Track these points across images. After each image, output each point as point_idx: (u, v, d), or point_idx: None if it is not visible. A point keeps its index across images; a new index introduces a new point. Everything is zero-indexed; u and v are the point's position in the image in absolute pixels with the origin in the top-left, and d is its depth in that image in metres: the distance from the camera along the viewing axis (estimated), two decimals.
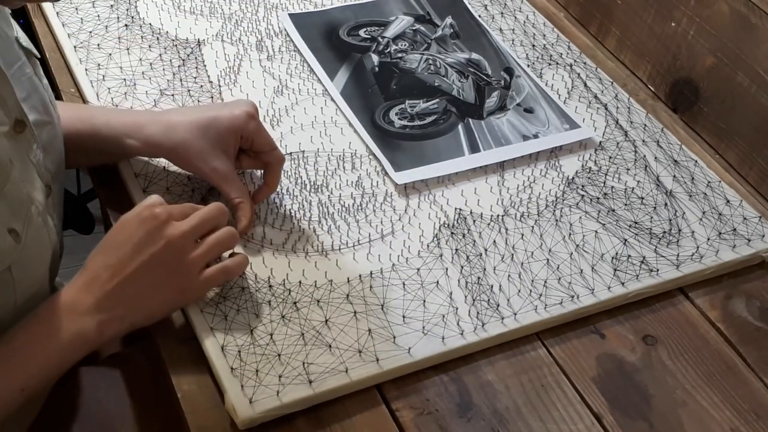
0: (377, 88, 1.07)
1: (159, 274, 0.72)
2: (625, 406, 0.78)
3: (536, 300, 0.83)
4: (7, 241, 0.67)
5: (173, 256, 0.73)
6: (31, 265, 0.71)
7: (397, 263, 0.85)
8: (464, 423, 0.74)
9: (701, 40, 1.07)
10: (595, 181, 0.97)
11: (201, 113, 0.85)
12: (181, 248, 0.73)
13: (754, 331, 0.86)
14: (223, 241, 0.76)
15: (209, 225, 0.76)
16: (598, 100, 1.09)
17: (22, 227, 0.69)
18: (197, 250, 0.74)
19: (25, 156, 0.73)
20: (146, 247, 0.72)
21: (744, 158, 1.04)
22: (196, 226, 0.74)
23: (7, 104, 0.71)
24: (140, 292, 0.72)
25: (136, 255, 0.72)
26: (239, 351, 0.75)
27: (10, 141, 0.70)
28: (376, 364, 0.76)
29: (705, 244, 0.91)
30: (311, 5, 1.20)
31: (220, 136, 0.83)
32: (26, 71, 0.76)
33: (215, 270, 0.76)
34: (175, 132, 0.83)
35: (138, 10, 1.14)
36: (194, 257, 0.74)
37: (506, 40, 1.18)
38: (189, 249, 0.74)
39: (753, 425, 0.77)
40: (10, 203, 0.68)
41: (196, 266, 0.74)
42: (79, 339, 0.70)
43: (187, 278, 0.74)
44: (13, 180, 0.69)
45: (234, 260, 0.78)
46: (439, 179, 0.95)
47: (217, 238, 0.76)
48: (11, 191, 0.68)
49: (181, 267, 0.73)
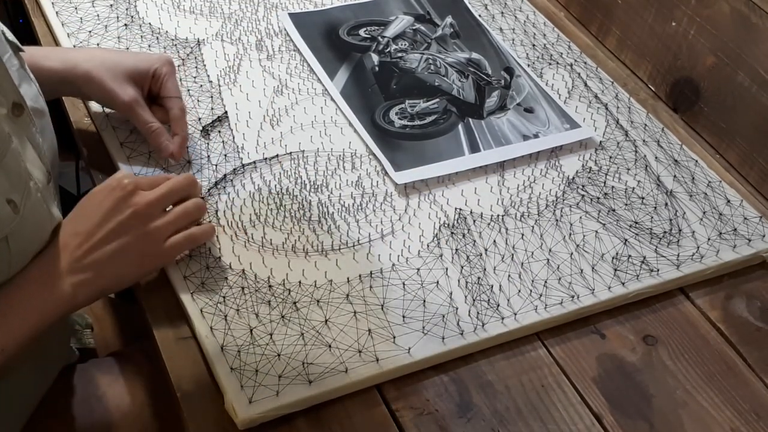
0: (377, 87, 1.07)
1: (125, 240, 0.75)
2: (626, 407, 0.77)
3: (536, 300, 0.83)
4: (6, 210, 0.68)
5: (139, 224, 0.76)
6: (28, 239, 0.72)
7: (397, 263, 0.85)
8: (464, 423, 0.74)
9: (702, 40, 1.07)
10: (596, 180, 0.97)
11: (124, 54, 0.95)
12: (146, 216, 0.77)
13: (755, 331, 0.86)
14: (189, 211, 0.80)
15: (177, 195, 0.80)
16: (599, 99, 1.09)
17: (20, 199, 0.70)
18: (163, 219, 0.78)
19: (24, 137, 0.74)
20: (113, 214, 0.75)
21: (744, 158, 1.04)
22: (163, 195, 0.78)
23: (3, 88, 0.72)
24: (108, 258, 0.75)
25: (104, 223, 0.75)
26: (239, 351, 0.75)
27: (9, 124, 0.71)
28: (376, 364, 0.76)
29: (705, 244, 0.91)
30: (311, 5, 1.20)
31: (136, 69, 0.91)
32: (14, 62, 0.77)
33: (180, 236, 0.79)
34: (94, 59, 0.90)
35: (137, 9, 1.14)
36: (160, 225, 0.77)
37: (506, 40, 1.18)
38: (155, 217, 0.77)
39: (753, 425, 0.77)
40: (8, 174, 0.69)
41: (161, 234, 0.77)
42: (54, 301, 0.73)
43: (153, 245, 0.77)
44: (12, 153, 0.70)
45: (199, 228, 0.82)
46: (439, 179, 0.95)
47: (184, 208, 0.80)
48: (9, 163, 0.69)
49: (147, 234, 0.76)
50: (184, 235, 0.80)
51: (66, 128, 0.97)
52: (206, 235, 0.82)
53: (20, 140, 0.73)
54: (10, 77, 0.74)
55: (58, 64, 0.90)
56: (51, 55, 0.92)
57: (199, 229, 0.81)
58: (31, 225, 0.72)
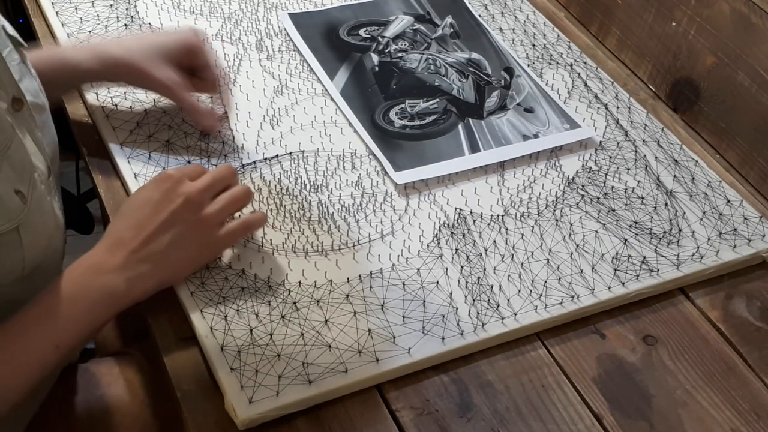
0: (377, 87, 1.07)
1: (180, 230, 0.76)
2: (626, 407, 0.77)
3: (536, 300, 0.83)
4: (15, 200, 0.68)
5: (192, 212, 0.76)
6: (37, 231, 0.72)
7: (397, 263, 0.85)
8: (464, 423, 0.74)
9: (702, 40, 1.07)
10: (596, 180, 0.97)
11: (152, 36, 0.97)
12: (198, 204, 0.77)
13: (755, 331, 0.86)
14: (237, 197, 0.81)
15: (222, 183, 0.80)
16: (599, 99, 1.09)
17: (27, 190, 0.70)
18: (214, 206, 0.78)
19: (24, 131, 0.74)
20: (165, 205, 0.76)
21: (744, 158, 1.04)
22: (210, 183, 0.79)
23: (3, 82, 0.72)
24: (164, 249, 0.75)
25: (156, 214, 0.75)
26: (239, 351, 0.75)
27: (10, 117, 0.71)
28: (376, 364, 0.76)
29: (705, 244, 0.91)
30: (311, 5, 1.20)
31: (168, 49, 0.92)
32: (14, 57, 0.77)
33: (236, 223, 0.80)
34: (130, 49, 0.91)
35: (137, 9, 1.14)
36: (212, 212, 0.78)
37: (506, 40, 1.18)
38: (206, 204, 0.78)
39: (753, 425, 0.77)
40: (14, 165, 0.69)
41: (214, 220, 0.78)
42: (108, 297, 0.73)
43: (208, 232, 0.77)
44: (16, 143, 0.70)
45: (254, 215, 0.83)
46: (439, 179, 0.95)
47: (232, 194, 0.80)
48: (15, 154, 0.70)
49: (201, 222, 0.77)
50: (239, 222, 0.80)
51: (66, 128, 0.97)
52: (260, 222, 0.83)
53: (21, 134, 0.73)
54: (10, 72, 0.74)
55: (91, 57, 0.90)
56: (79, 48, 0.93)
57: (253, 216, 0.82)
58: (39, 216, 0.72)
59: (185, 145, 0.95)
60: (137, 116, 0.98)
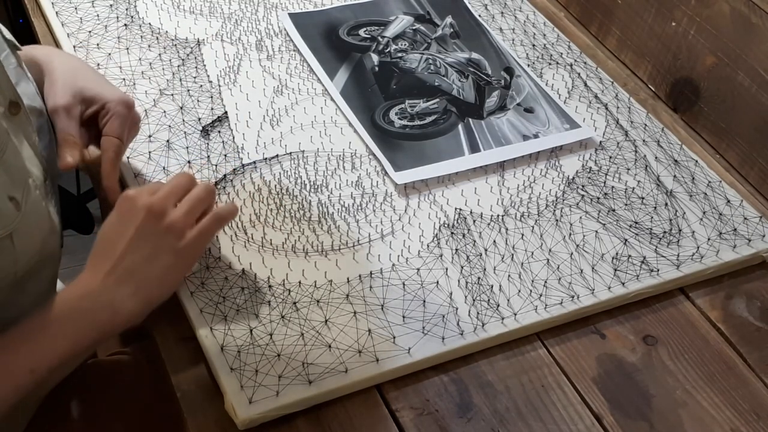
0: (377, 87, 1.07)
1: (151, 242, 0.74)
2: (626, 407, 0.77)
3: (536, 300, 0.83)
4: (8, 207, 0.68)
5: (157, 221, 0.74)
6: (30, 236, 0.72)
7: (397, 263, 0.85)
8: (464, 423, 0.74)
9: (702, 40, 1.07)
10: (596, 181, 0.97)
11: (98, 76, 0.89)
12: (161, 212, 0.74)
13: (755, 331, 0.86)
14: (200, 196, 0.77)
15: (182, 189, 0.78)
16: (599, 99, 1.09)
17: (21, 196, 0.70)
18: (178, 210, 0.76)
19: (21, 135, 0.74)
20: (129, 222, 0.74)
21: (744, 158, 1.04)
22: (169, 191, 0.77)
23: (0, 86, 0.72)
24: (139, 266, 0.73)
25: (123, 233, 0.74)
26: (239, 351, 0.75)
27: (6, 122, 0.71)
28: (376, 364, 0.76)
29: (705, 244, 0.91)
30: (311, 5, 1.20)
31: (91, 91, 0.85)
32: (11, 61, 0.77)
33: (207, 219, 0.77)
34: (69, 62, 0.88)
35: (137, 9, 1.14)
36: (178, 216, 0.75)
37: (506, 40, 1.18)
38: (170, 211, 0.75)
39: (753, 425, 0.77)
40: (8, 171, 0.69)
41: (183, 224, 0.75)
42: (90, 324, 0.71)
43: (179, 236, 0.75)
44: (11, 149, 0.70)
45: (223, 207, 0.79)
46: (439, 179, 0.95)
47: (195, 194, 0.77)
48: (9, 159, 0.69)
49: (170, 229, 0.74)
50: (209, 217, 0.78)
51: None
52: (232, 213, 0.80)
53: (17, 138, 0.73)
54: (7, 75, 0.74)
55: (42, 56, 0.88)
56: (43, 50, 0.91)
57: (223, 208, 0.79)
58: (33, 222, 0.72)
59: (185, 145, 0.95)
60: None
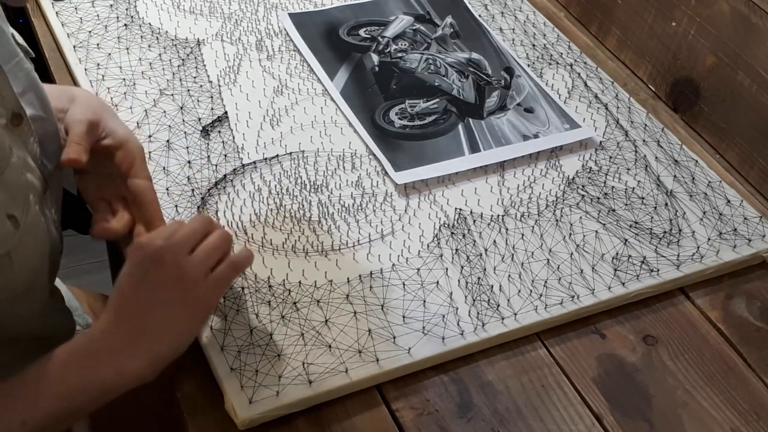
0: (377, 87, 1.07)
1: (160, 294, 0.69)
2: (626, 407, 0.77)
3: (536, 300, 0.83)
4: (7, 226, 0.68)
5: (171, 270, 0.70)
6: (29, 252, 0.71)
7: (397, 263, 0.85)
8: (464, 423, 0.74)
9: (702, 40, 1.07)
10: (596, 181, 0.97)
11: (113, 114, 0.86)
12: (174, 259, 0.70)
13: (755, 331, 0.86)
14: (215, 244, 0.73)
15: (198, 234, 0.73)
16: (599, 99, 1.09)
17: (20, 213, 0.69)
18: (193, 258, 0.71)
19: (22, 147, 0.73)
20: (141, 272, 0.70)
21: (744, 158, 1.04)
22: (184, 235, 0.72)
23: (3, 97, 0.71)
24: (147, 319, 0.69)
25: (133, 285, 0.69)
26: (239, 351, 0.75)
27: (8, 133, 0.71)
28: (376, 365, 0.76)
29: (705, 244, 0.91)
30: (311, 5, 1.20)
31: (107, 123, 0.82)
32: (24, 67, 0.76)
33: (223, 267, 0.72)
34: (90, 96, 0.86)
35: (137, 9, 1.14)
36: (192, 262, 0.71)
37: (506, 40, 1.18)
38: (183, 258, 0.71)
39: (753, 425, 0.77)
40: (8, 189, 0.68)
41: (197, 272, 0.70)
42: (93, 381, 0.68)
43: (194, 286, 0.70)
44: (12, 166, 0.69)
45: (240, 254, 0.75)
46: (439, 179, 0.95)
47: (212, 241, 0.73)
48: (10, 177, 0.69)
49: (183, 277, 0.70)
50: (225, 265, 0.72)
51: None
52: (248, 260, 0.75)
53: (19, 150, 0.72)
54: (11, 86, 0.73)
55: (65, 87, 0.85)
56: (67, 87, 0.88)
57: (240, 255, 0.74)
58: (32, 237, 0.71)
59: (185, 145, 0.95)
60: (137, 116, 0.98)
